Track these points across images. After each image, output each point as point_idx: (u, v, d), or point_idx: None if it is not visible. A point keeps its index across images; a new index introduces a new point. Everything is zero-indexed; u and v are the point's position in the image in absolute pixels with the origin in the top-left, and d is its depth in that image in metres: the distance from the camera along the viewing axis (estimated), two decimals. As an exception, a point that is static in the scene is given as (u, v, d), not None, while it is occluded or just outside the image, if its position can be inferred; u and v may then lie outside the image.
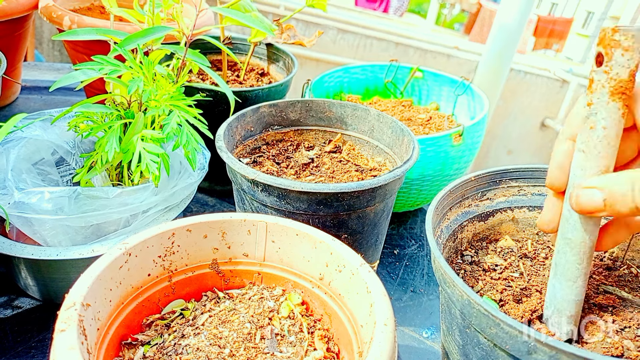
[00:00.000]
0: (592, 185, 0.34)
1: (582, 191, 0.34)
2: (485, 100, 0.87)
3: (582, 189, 0.34)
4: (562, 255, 0.38)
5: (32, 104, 1.08)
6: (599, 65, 0.34)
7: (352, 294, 0.42)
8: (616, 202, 0.32)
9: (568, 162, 0.37)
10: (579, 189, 0.35)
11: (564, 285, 0.39)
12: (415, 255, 0.80)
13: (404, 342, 0.64)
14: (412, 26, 4.09)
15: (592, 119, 0.35)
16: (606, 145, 0.35)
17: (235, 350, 0.40)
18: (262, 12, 0.81)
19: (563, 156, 0.38)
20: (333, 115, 0.71)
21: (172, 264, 0.45)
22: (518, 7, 2.71)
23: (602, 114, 0.34)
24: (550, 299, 0.41)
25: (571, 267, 0.38)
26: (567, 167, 0.37)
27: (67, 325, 0.33)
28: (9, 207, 0.52)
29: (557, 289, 0.40)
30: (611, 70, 0.33)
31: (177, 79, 0.62)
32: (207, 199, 0.87)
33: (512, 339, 0.34)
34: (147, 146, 0.52)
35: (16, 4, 0.91)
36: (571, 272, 0.38)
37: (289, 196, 0.52)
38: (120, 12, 0.68)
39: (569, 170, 0.37)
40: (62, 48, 2.82)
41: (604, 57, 0.33)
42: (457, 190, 0.50)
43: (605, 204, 0.33)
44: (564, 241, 0.38)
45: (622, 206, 0.32)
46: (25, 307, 0.60)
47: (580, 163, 0.36)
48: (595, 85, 0.34)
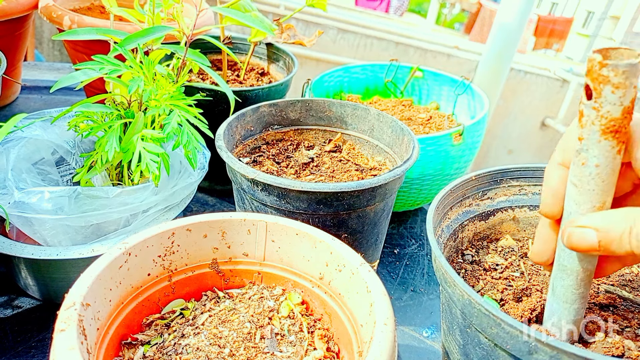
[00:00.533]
0: (585, 225, 0.32)
1: (576, 230, 0.32)
2: (486, 100, 0.87)
3: (575, 228, 0.32)
4: (559, 280, 0.37)
5: (32, 103, 1.08)
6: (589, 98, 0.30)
7: (352, 294, 0.41)
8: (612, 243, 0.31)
9: (563, 189, 0.35)
10: (572, 227, 0.33)
11: (561, 307, 0.38)
12: (415, 254, 0.80)
13: (404, 342, 0.64)
14: (413, 26, 4.10)
15: (584, 155, 0.32)
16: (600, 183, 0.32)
17: (235, 349, 0.40)
18: (262, 11, 0.81)
19: (557, 183, 0.35)
20: (333, 115, 0.71)
21: (172, 263, 0.45)
22: (518, 7, 2.70)
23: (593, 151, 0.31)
24: (549, 316, 0.39)
25: (567, 291, 0.37)
26: (562, 194, 0.35)
27: (67, 325, 0.33)
28: (9, 206, 0.52)
29: (555, 309, 0.38)
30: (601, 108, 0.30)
31: (177, 78, 0.62)
32: (207, 199, 0.87)
33: (513, 338, 0.34)
34: (147, 146, 0.52)
35: (16, 4, 0.91)
36: (567, 296, 0.37)
37: (289, 195, 0.52)
38: (121, 12, 0.68)
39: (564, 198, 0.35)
40: (62, 48, 2.82)
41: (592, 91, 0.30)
42: (457, 190, 0.50)
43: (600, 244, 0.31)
44: (560, 268, 0.37)
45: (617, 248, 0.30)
46: (25, 306, 0.60)
47: (574, 197, 0.33)
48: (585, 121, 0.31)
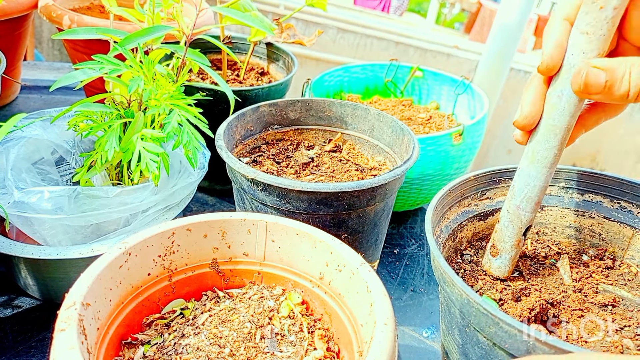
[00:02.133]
0: (598, 65, 0.34)
1: (591, 70, 0.34)
2: (486, 100, 0.87)
3: (590, 68, 0.35)
4: (544, 143, 0.40)
5: (31, 103, 1.08)
6: None
7: (352, 294, 0.42)
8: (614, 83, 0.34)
9: (566, 42, 0.37)
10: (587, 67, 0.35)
11: (539, 172, 0.41)
12: (415, 254, 0.80)
13: (404, 342, 0.64)
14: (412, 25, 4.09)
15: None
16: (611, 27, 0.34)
17: (236, 349, 0.40)
18: (261, 11, 0.81)
19: (561, 36, 0.37)
20: (333, 115, 0.71)
21: (172, 263, 0.45)
22: (518, 7, 2.70)
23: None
24: (521, 188, 0.42)
25: (550, 153, 0.40)
26: (565, 46, 0.37)
27: (67, 324, 0.33)
28: (8, 206, 0.52)
29: (532, 177, 0.41)
30: None
31: (177, 78, 0.62)
32: (207, 198, 0.87)
33: (511, 337, 0.34)
34: (146, 145, 0.52)
35: (16, 4, 0.91)
36: (549, 158, 0.40)
37: (289, 195, 0.52)
38: (120, 11, 0.68)
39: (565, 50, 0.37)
40: (62, 47, 2.81)
41: None
42: (456, 190, 0.50)
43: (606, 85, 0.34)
44: (548, 128, 0.39)
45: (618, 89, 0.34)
46: (25, 306, 0.60)
47: (583, 46, 0.35)
48: None
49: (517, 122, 0.41)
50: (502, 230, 0.46)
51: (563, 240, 0.54)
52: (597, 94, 0.35)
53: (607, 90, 0.34)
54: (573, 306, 0.44)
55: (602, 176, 0.51)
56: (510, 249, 0.46)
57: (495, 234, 0.47)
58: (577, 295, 0.46)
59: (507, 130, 3.85)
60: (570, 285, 0.48)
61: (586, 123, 0.41)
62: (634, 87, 0.33)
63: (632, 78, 0.33)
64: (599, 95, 0.35)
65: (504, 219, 0.45)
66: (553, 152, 0.40)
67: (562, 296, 0.46)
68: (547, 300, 0.44)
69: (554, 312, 0.43)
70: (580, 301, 0.45)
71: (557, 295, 0.46)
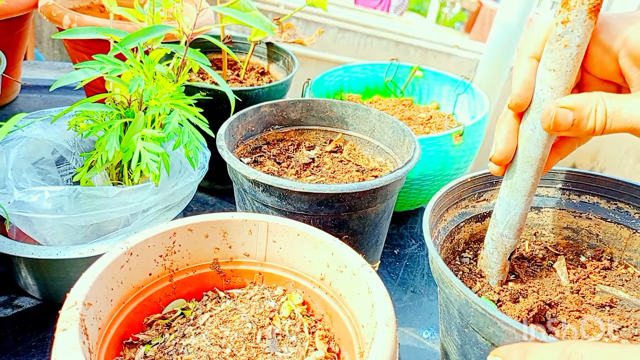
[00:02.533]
0: (566, 105, 0.36)
1: (560, 110, 0.36)
2: (486, 100, 0.87)
3: (559, 108, 0.36)
4: (521, 173, 0.41)
5: (32, 103, 1.08)
6: None
7: (353, 295, 0.42)
8: (581, 122, 0.36)
9: (534, 80, 0.39)
10: (555, 108, 0.37)
11: (519, 201, 0.43)
12: (415, 255, 0.80)
13: (404, 343, 0.64)
14: (413, 25, 4.08)
15: (567, 37, 0.35)
16: (576, 63, 0.36)
17: (236, 350, 0.40)
18: (262, 11, 0.81)
19: (529, 74, 0.39)
20: (334, 115, 0.71)
21: (173, 263, 0.45)
22: (518, 6, 2.70)
23: (578, 31, 0.35)
24: (503, 216, 0.44)
25: (527, 183, 0.42)
26: (533, 85, 0.39)
27: (69, 324, 0.33)
28: (9, 206, 0.52)
29: (512, 205, 0.43)
30: None
31: (178, 78, 0.62)
32: (207, 198, 0.87)
33: (509, 337, 0.34)
34: (147, 145, 0.52)
35: (16, 3, 0.91)
36: (526, 187, 0.42)
37: (290, 197, 0.52)
38: (120, 11, 0.68)
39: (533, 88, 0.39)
40: (62, 47, 2.81)
41: None
42: (453, 192, 0.50)
43: (573, 122, 0.36)
44: (524, 160, 0.41)
45: (584, 126, 0.36)
46: (26, 306, 0.60)
47: (550, 82, 0.37)
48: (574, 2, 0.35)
49: (494, 158, 0.42)
50: (488, 257, 0.47)
51: (560, 242, 0.54)
52: (566, 130, 0.37)
53: (575, 127, 0.36)
54: (571, 307, 0.44)
55: (598, 177, 0.51)
56: (497, 274, 0.47)
57: (481, 261, 0.48)
58: (574, 296, 0.46)
59: (507, 130, 3.83)
60: (568, 286, 0.48)
61: (561, 151, 0.43)
62: (599, 124, 0.36)
63: (597, 116, 0.36)
64: (568, 132, 0.37)
65: (489, 246, 0.46)
66: (530, 181, 0.41)
67: (560, 297, 0.46)
68: (545, 301, 0.44)
69: (552, 313, 0.44)
70: (577, 302, 0.45)
71: (555, 297, 0.46)
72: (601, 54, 0.37)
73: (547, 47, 0.37)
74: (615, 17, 0.37)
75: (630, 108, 0.35)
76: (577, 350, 0.28)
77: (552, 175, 0.53)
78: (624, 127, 0.35)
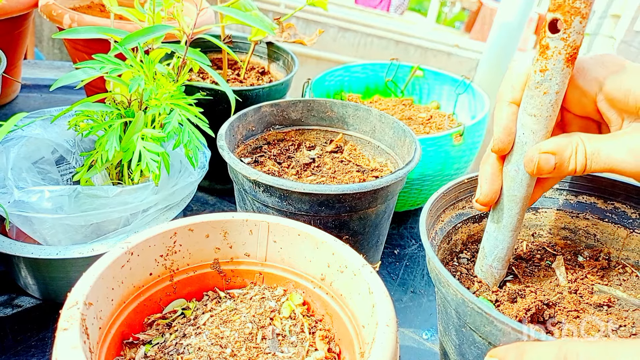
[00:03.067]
0: (547, 150, 0.38)
1: (542, 156, 0.38)
2: (486, 100, 0.87)
3: (541, 154, 0.38)
4: (507, 211, 0.43)
5: (32, 102, 1.08)
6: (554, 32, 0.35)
7: (354, 295, 0.41)
8: (563, 164, 0.38)
9: (514, 125, 0.40)
10: (537, 154, 0.38)
11: (506, 236, 0.44)
12: (415, 255, 0.80)
13: (404, 343, 0.64)
14: (413, 24, 4.08)
15: (546, 85, 0.36)
16: (556, 108, 0.37)
17: (237, 350, 0.40)
18: (262, 10, 0.81)
19: (508, 120, 0.40)
20: (335, 115, 0.71)
21: (174, 263, 0.45)
22: (519, 6, 2.70)
23: (556, 79, 0.36)
24: (491, 250, 0.45)
25: (513, 219, 0.43)
26: (514, 129, 0.40)
27: (70, 324, 0.33)
28: (8, 205, 0.52)
29: (500, 240, 0.44)
30: (569, 38, 0.34)
31: (178, 77, 0.62)
32: (207, 198, 0.87)
33: (505, 336, 0.34)
34: (147, 145, 0.52)
35: (16, 3, 0.91)
36: (513, 223, 0.43)
37: (291, 197, 0.52)
38: (121, 11, 0.68)
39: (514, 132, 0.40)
40: (62, 46, 2.81)
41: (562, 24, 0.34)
42: (450, 192, 0.50)
43: (555, 166, 0.38)
44: (510, 199, 0.42)
45: (566, 167, 0.38)
46: (25, 306, 0.60)
47: (531, 126, 0.39)
48: (552, 52, 0.35)
49: (480, 201, 0.43)
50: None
51: (558, 242, 0.54)
52: (549, 173, 0.38)
53: (557, 170, 0.38)
54: (569, 307, 0.44)
55: (595, 177, 0.51)
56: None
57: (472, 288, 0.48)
58: (572, 296, 0.46)
59: (507, 129, 3.84)
60: (566, 286, 0.48)
61: (544, 185, 0.44)
62: (580, 166, 0.37)
63: (577, 158, 0.37)
64: (550, 174, 0.39)
65: (479, 277, 0.47)
66: (516, 218, 0.43)
67: (558, 297, 0.46)
68: (543, 301, 0.44)
69: (550, 313, 0.44)
70: (575, 302, 0.45)
71: (553, 297, 0.46)
72: (579, 96, 0.39)
73: (527, 92, 0.38)
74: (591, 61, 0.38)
75: (608, 150, 0.36)
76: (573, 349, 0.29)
77: None
78: (603, 168, 0.37)
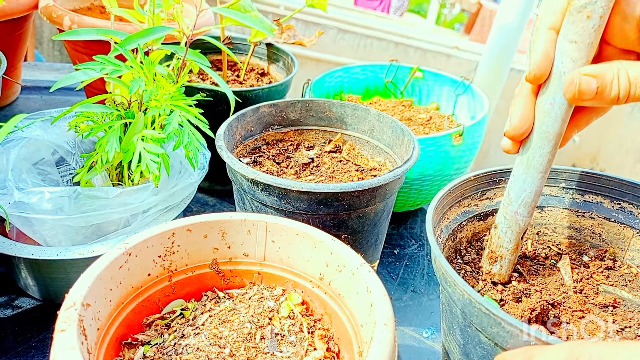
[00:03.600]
0: (589, 72, 0.36)
1: (583, 78, 0.36)
2: (486, 100, 0.87)
3: (582, 76, 0.36)
4: (538, 149, 0.41)
5: (32, 104, 1.08)
6: None
7: (352, 294, 0.42)
8: (605, 89, 0.35)
9: (552, 51, 0.38)
10: (579, 76, 0.36)
11: (535, 178, 0.42)
12: (415, 255, 0.80)
13: (404, 342, 0.64)
14: (412, 26, 4.09)
15: (590, 8, 0.35)
16: (598, 35, 0.36)
17: (236, 350, 0.40)
18: (262, 12, 0.81)
19: (549, 45, 0.38)
20: (333, 115, 0.71)
21: (172, 263, 0.45)
22: (518, 7, 2.70)
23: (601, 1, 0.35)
24: (518, 194, 0.43)
25: (544, 159, 0.41)
26: (552, 55, 0.38)
27: (67, 325, 0.33)
28: (9, 206, 0.52)
29: (527, 183, 0.42)
30: None
31: (178, 79, 0.62)
32: (207, 199, 0.87)
33: (513, 338, 0.34)
34: (147, 146, 0.52)
35: (16, 4, 0.91)
36: (543, 164, 0.41)
37: (289, 196, 0.52)
38: (121, 12, 0.68)
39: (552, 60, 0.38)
40: (62, 48, 2.81)
41: None
42: (456, 190, 0.50)
43: (597, 91, 0.36)
44: (542, 135, 0.40)
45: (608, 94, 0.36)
46: (25, 307, 0.60)
47: (571, 54, 0.37)
48: None
49: (508, 133, 0.41)
50: (501, 237, 0.46)
51: (563, 241, 0.54)
52: (590, 100, 0.36)
53: (599, 96, 0.36)
54: (574, 307, 0.44)
55: (602, 177, 0.51)
56: (509, 254, 0.46)
57: (492, 241, 0.47)
58: (577, 296, 0.46)
59: (507, 130, 3.83)
60: (571, 286, 0.48)
61: (579, 124, 0.42)
62: (623, 90, 0.35)
63: (620, 82, 0.35)
64: (592, 101, 0.37)
65: (502, 225, 0.45)
66: (547, 157, 0.41)
67: (563, 297, 0.46)
68: (548, 301, 0.44)
69: (555, 312, 0.43)
70: (581, 302, 0.45)
71: (558, 296, 0.46)
72: (622, 22, 0.37)
73: (568, 18, 0.37)
74: None
75: None
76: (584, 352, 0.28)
77: (555, 175, 0.53)
78: None
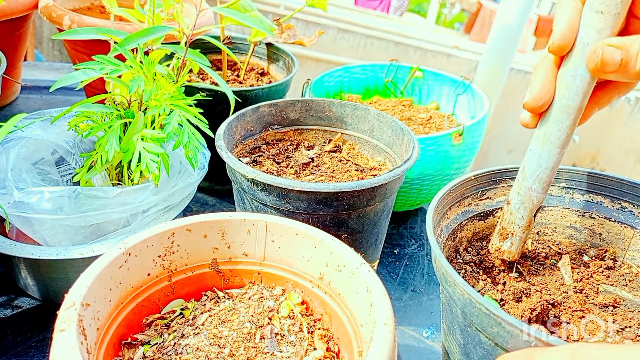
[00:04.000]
0: (613, 44, 0.35)
1: (607, 48, 0.35)
2: (486, 100, 0.87)
3: (605, 47, 0.35)
4: (557, 123, 0.39)
5: (32, 103, 1.08)
6: None
7: (352, 294, 0.41)
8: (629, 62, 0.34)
9: (577, 22, 0.37)
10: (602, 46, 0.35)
11: (552, 153, 0.41)
12: (415, 254, 0.80)
13: (404, 342, 0.64)
14: (412, 26, 4.08)
15: None
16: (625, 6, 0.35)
17: (235, 349, 0.40)
18: (262, 11, 0.81)
19: (574, 16, 0.37)
20: (333, 115, 0.71)
21: (172, 263, 0.45)
22: (518, 7, 2.70)
23: None
24: (533, 169, 0.42)
25: (563, 134, 0.40)
26: (577, 27, 0.37)
27: (67, 325, 0.33)
28: (8, 206, 0.52)
29: (544, 158, 0.41)
30: None
31: (177, 78, 0.62)
32: (207, 199, 0.87)
33: (513, 338, 0.34)
34: (147, 146, 0.52)
35: (16, 4, 0.91)
36: (561, 139, 0.40)
37: (289, 195, 0.52)
38: (121, 12, 0.68)
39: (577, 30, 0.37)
40: (62, 48, 2.81)
41: None
42: (456, 190, 0.50)
43: (621, 63, 0.34)
44: (562, 109, 0.39)
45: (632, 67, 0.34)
46: (25, 306, 0.60)
47: (596, 25, 0.36)
48: None
49: (527, 104, 0.40)
50: (514, 213, 0.45)
51: (563, 241, 0.54)
52: (613, 72, 0.35)
53: (622, 68, 0.35)
54: (574, 307, 0.44)
55: (602, 176, 0.51)
56: (521, 231, 0.45)
57: (504, 217, 0.46)
58: (578, 296, 0.46)
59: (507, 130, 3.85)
60: (571, 285, 0.48)
61: (599, 101, 0.41)
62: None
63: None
64: (614, 74, 0.35)
65: (515, 201, 0.44)
66: (566, 132, 0.40)
67: (563, 297, 0.46)
68: (548, 300, 0.44)
69: (555, 312, 0.43)
70: (581, 302, 0.45)
71: (558, 296, 0.46)
72: None
73: None
74: None
75: None
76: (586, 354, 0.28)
77: (556, 174, 0.53)
78: None
